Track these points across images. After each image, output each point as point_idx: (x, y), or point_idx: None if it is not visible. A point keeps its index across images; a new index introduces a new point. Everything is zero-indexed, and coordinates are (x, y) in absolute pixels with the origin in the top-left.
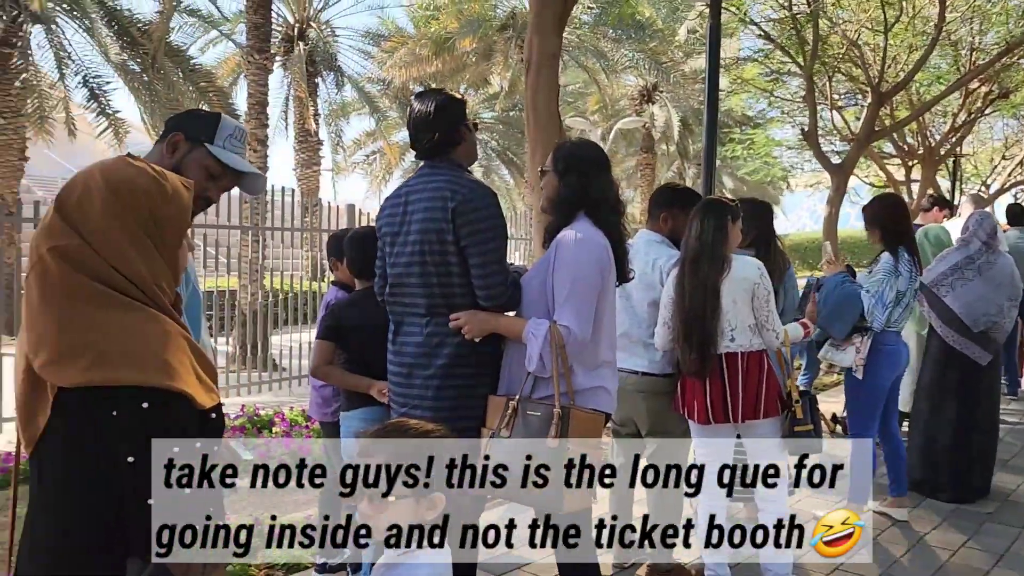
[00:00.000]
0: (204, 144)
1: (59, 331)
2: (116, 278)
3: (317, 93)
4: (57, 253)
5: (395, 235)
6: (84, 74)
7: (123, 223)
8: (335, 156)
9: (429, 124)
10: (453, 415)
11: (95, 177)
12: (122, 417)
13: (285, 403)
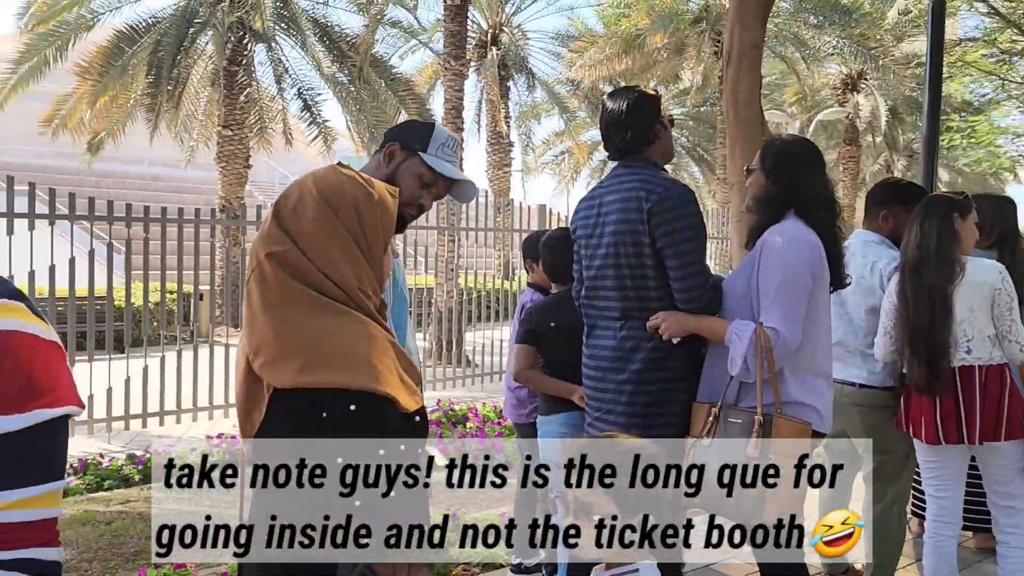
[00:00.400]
0: (418, 153)
1: (275, 335)
2: (326, 283)
3: (508, 96)
4: (274, 259)
5: (588, 237)
6: (299, 87)
7: (332, 229)
8: (525, 157)
9: (622, 123)
10: (647, 421)
11: (308, 185)
12: (331, 419)
13: (478, 399)
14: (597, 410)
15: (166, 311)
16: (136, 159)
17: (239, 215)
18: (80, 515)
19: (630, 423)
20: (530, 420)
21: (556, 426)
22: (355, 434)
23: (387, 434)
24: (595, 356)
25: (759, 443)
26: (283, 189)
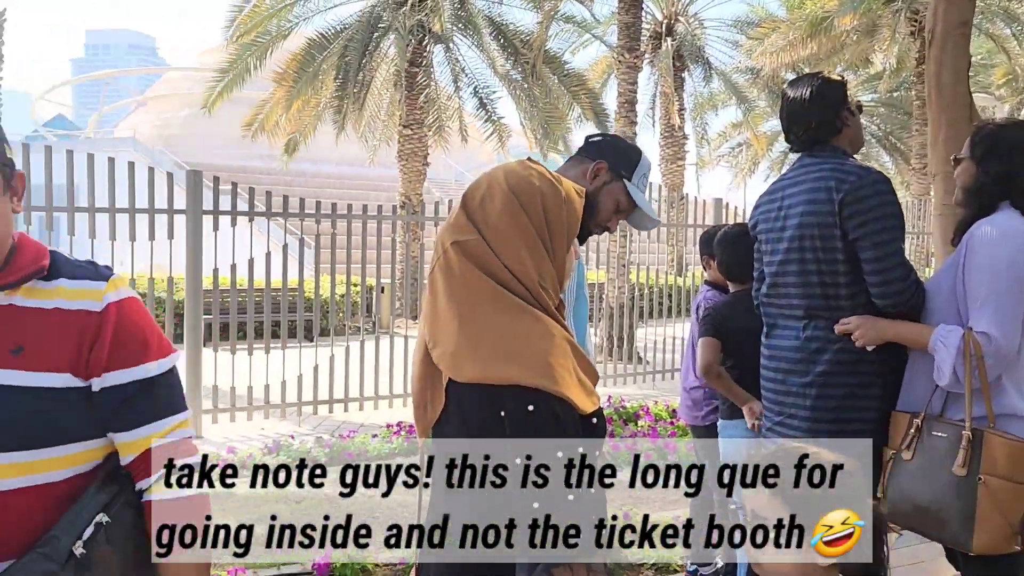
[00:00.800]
0: (623, 179)
1: (457, 327)
2: (508, 277)
3: (683, 87)
4: (459, 248)
5: (770, 232)
6: (475, 86)
7: (518, 223)
8: (699, 150)
9: (805, 112)
10: (834, 427)
11: (498, 178)
12: (509, 417)
13: (649, 397)
14: (778, 414)
15: (351, 303)
16: (324, 159)
17: (418, 211)
18: (274, 492)
19: (816, 428)
20: (706, 423)
21: (741, 430)
22: (533, 434)
23: (565, 435)
24: (775, 357)
25: (967, 460)
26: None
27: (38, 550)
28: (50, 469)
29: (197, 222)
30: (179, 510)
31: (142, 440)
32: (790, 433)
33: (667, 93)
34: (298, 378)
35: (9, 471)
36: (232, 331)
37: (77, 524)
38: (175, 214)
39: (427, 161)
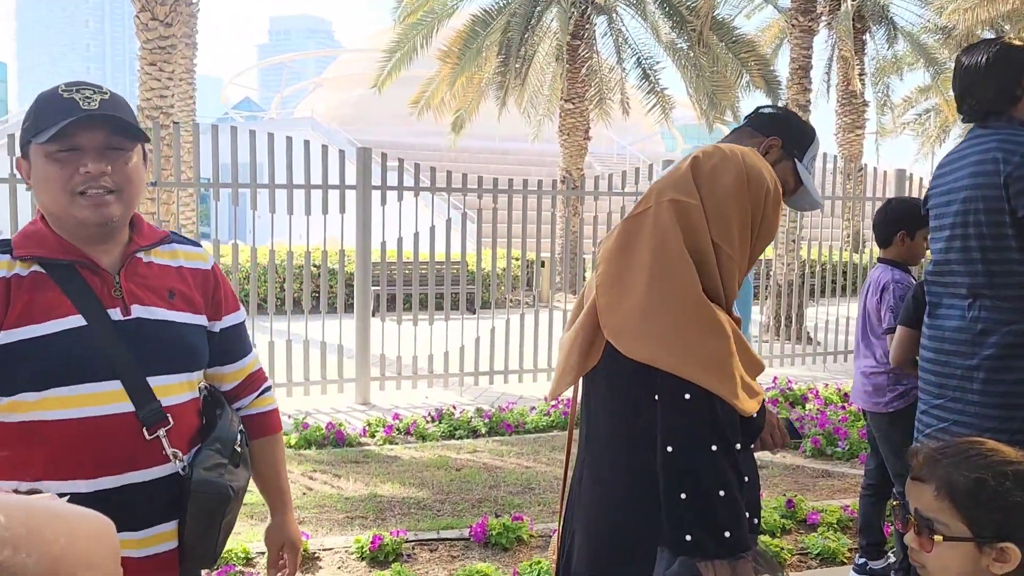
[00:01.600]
0: (794, 159)
1: (641, 290)
2: (708, 251)
3: (864, 51)
4: (676, 207)
5: (937, 208)
6: (638, 56)
7: (741, 205)
8: (880, 117)
9: (981, 81)
10: (1004, 413)
11: (736, 155)
12: (663, 403)
13: (819, 379)
14: (938, 396)
15: (511, 276)
16: (487, 135)
17: (579, 185)
18: (436, 459)
19: (983, 413)
20: (890, 409)
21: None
22: (688, 424)
23: (720, 430)
24: (937, 337)
25: None
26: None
27: (209, 448)
28: (194, 389)
29: (367, 197)
30: (275, 417)
31: (244, 368)
32: (950, 417)
33: (846, 57)
34: (460, 349)
35: (183, 388)
36: (398, 302)
37: (232, 429)
38: (346, 190)
39: (588, 135)
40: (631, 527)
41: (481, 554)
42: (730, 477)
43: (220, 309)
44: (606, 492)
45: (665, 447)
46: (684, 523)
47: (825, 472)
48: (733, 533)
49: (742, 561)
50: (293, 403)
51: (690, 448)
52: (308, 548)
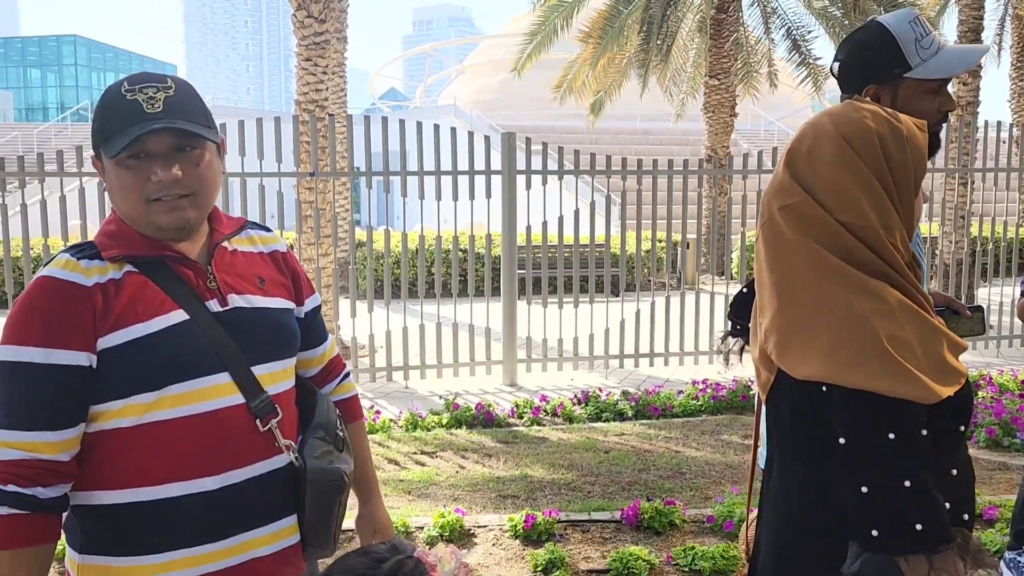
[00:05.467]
0: (904, 77)
1: (780, 306)
2: (846, 237)
3: None
4: (787, 213)
5: None
6: (787, 26)
7: (855, 172)
8: None
9: None
10: None
11: (824, 125)
12: (834, 395)
13: (993, 365)
14: None
15: (655, 258)
16: (629, 115)
17: (724, 164)
18: (583, 441)
19: None
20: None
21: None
22: (856, 414)
23: (899, 426)
24: None
25: None
26: (768, 136)
27: (314, 436)
28: (291, 377)
29: (512, 182)
30: (357, 404)
31: (325, 353)
32: None
33: (1021, 15)
34: (604, 332)
35: (284, 375)
36: (543, 285)
37: (331, 415)
38: (491, 175)
39: (734, 112)
40: (813, 520)
41: (633, 537)
42: (916, 466)
43: (303, 292)
44: (791, 482)
45: (839, 439)
46: (868, 518)
47: (1002, 464)
48: (925, 525)
49: (940, 555)
50: (443, 384)
51: (864, 439)
52: (464, 525)
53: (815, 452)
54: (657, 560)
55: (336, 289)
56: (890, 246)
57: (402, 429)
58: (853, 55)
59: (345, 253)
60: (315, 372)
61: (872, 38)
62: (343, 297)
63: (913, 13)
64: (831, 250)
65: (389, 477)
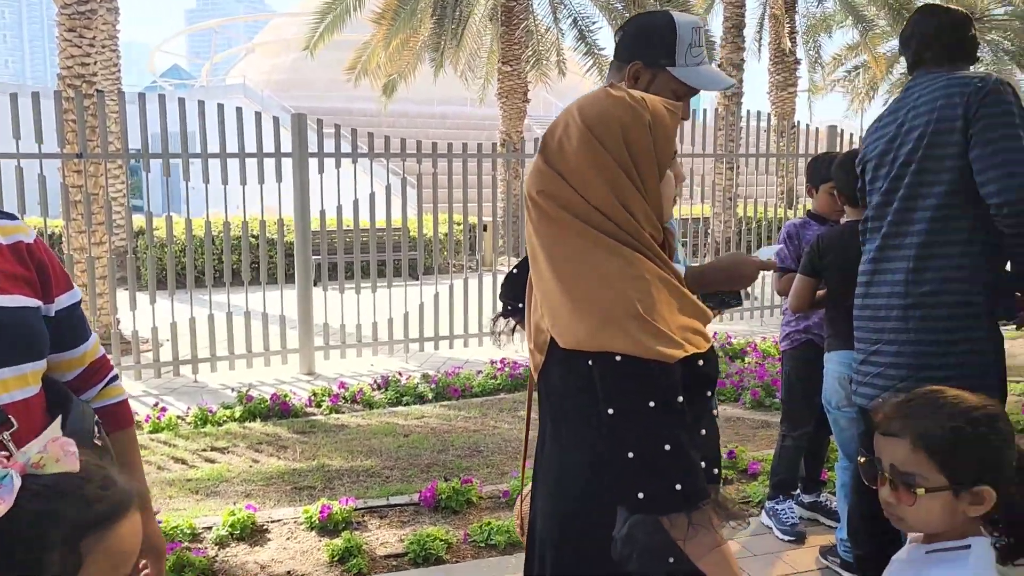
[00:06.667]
0: (667, 69)
1: (550, 281)
2: (599, 217)
3: (795, 8)
4: (546, 196)
5: (883, 155)
6: (574, 17)
7: (598, 159)
8: (812, 75)
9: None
10: (941, 350)
11: (573, 113)
12: (597, 368)
13: (757, 333)
14: (875, 343)
15: (454, 241)
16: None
17: (518, 148)
18: (383, 426)
19: (921, 352)
20: (782, 349)
21: (834, 364)
22: (623, 385)
23: (656, 385)
24: (876, 283)
25: None
26: None
27: None
28: (37, 383)
29: (303, 165)
30: (126, 408)
31: (86, 354)
32: (885, 361)
33: (777, 15)
34: (404, 316)
35: (24, 381)
36: (340, 271)
37: (85, 423)
38: (282, 157)
39: (527, 98)
40: (591, 487)
41: (431, 518)
42: (675, 431)
43: (51, 289)
44: (565, 453)
45: (607, 409)
46: (635, 481)
47: (764, 423)
48: (684, 485)
49: (698, 511)
50: (236, 376)
51: (628, 408)
52: (256, 521)
53: (586, 424)
54: (454, 539)
55: (113, 280)
56: (637, 226)
57: (191, 426)
58: (635, 29)
59: (124, 242)
60: (74, 375)
61: (657, 23)
62: (123, 289)
63: (699, 22)
64: (589, 227)
65: (176, 477)
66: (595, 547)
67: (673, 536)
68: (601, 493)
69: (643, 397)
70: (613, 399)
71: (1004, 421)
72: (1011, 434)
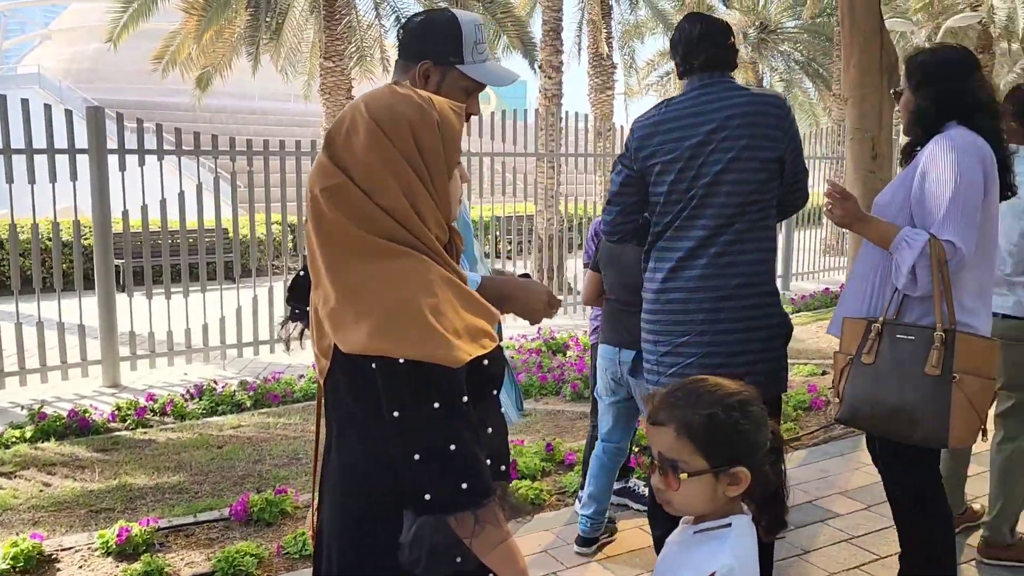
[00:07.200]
0: (456, 67)
1: (338, 293)
2: (384, 219)
3: (611, 15)
4: (327, 195)
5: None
6: (397, 14)
7: (386, 156)
8: (627, 79)
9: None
10: (744, 336)
11: (360, 109)
12: (380, 372)
13: (580, 327)
14: (683, 335)
15: (273, 242)
16: (246, 94)
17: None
18: (195, 439)
19: (727, 340)
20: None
21: (599, 358)
22: (408, 388)
23: (439, 388)
24: (683, 277)
25: (940, 360)
26: None
27: None
28: None
29: (101, 162)
30: None
31: None
32: (696, 351)
33: (594, 21)
34: (220, 320)
35: None
36: (147, 274)
37: None
38: (77, 154)
39: (351, 95)
40: (377, 492)
41: (243, 532)
42: (460, 430)
43: None
44: (351, 458)
45: (392, 412)
46: (421, 483)
47: (583, 414)
48: (471, 483)
49: (484, 509)
50: (28, 392)
51: (414, 410)
52: (44, 551)
53: (371, 428)
54: (267, 553)
55: None
56: (423, 228)
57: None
58: (421, 29)
59: None
60: None
61: (443, 22)
62: None
63: (479, 20)
64: (370, 229)
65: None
66: (381, 553)
67: (460, 535)
68: (387, 497)
69: (427, 399)
70: (397, 402)
71: (757, 405)
72: (763, 417)
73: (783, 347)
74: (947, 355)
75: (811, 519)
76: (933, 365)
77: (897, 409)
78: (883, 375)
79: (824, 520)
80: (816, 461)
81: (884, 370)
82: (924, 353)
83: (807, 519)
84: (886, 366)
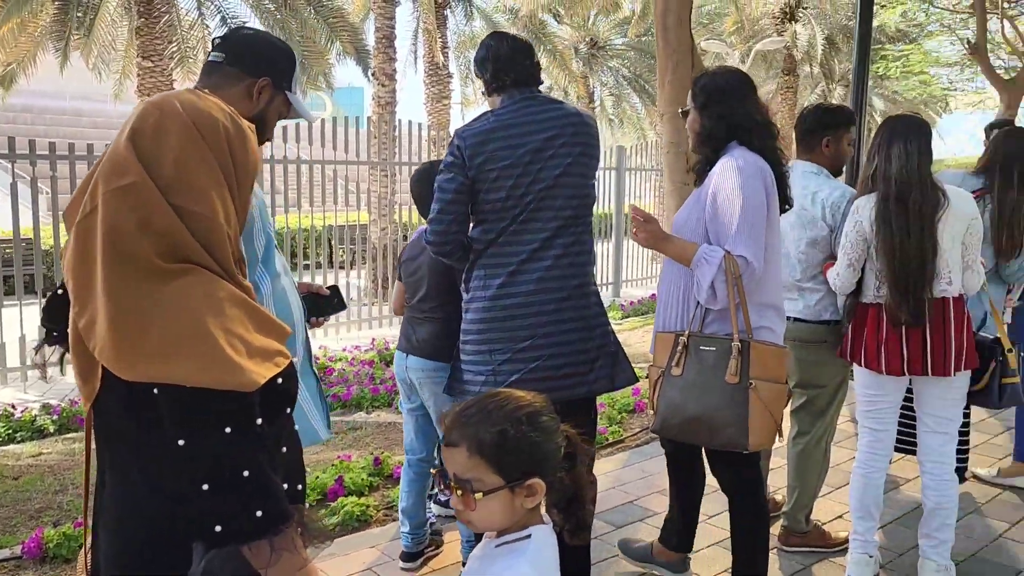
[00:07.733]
0: (285, 92)
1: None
2: (175, 223)
3: (446, 25)
4: (119, 194)
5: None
6: (222, 14)
7: (201, 156)
8: (464, 88)
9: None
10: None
11: (173, 106)
12: (164, 398)
13: None
14: (525, 340)
15: None
16: (56, 93)
17: None
18: None
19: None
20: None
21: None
22: (193, 414)
23: (234, 410)
24: (521, 283)
25: (738, 369)
26: None
27: None
28: None
29: None
30: None
31: None
32: (541, 354)
33: (429, 30)
34: (20, 339)
35: None
36: None
37: None
38: None
39: None
40: (161, 526)
41: (38, 571)
42: (254, 455)
43: None
44: (130, 491)
45: (177, 440)
46: (211, 514)
47: None
48: (266, 510)
49: (280, 536)
50: None
51: (202, 438)
52: None
53: (152, 457)
54: None
55: None
56: (226, 236)
57: None
58: (266, 48)
59: None
60: None
61: (284, 49)
62: None
63: (296, 58)
64: (159, 241)
65: None
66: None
67: (256, 565)
68: (173, 531)
69: (218, 425)
70: (184, 429)
71: (548, 415)
72: (554, 426)
73: (617, 340)
74: (744, 363)
75: (632, 518)
76: (732, 374)
77: (699, 417)
78: (690, 385)
79: (643, 519)
80: (638, 462)
81: (691, 380)
82: (725, 362)
83: (628, 519)
84: (692, 377)
